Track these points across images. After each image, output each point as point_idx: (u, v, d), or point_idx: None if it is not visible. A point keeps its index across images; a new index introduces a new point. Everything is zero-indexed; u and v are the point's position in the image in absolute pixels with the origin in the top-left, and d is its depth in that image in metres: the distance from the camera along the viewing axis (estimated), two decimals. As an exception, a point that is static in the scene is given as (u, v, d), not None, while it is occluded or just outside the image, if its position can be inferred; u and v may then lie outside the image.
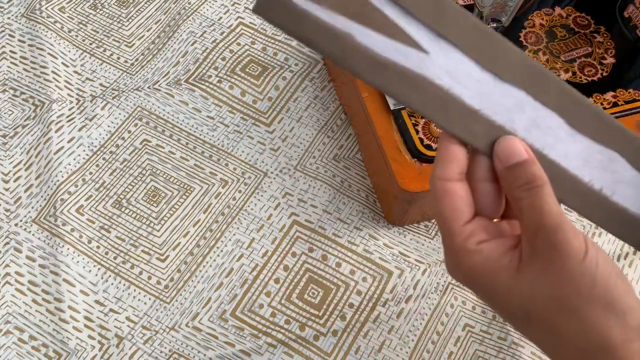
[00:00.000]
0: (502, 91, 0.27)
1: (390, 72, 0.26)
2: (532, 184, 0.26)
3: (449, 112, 0.27)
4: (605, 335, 0.25)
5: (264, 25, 0.65)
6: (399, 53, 0.25)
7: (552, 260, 0.26)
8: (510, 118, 0.27)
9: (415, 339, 0.51)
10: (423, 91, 0.26)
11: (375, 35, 0.25)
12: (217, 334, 0.50)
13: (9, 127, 0.58)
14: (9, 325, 0.50)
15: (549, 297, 0.26)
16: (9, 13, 0.65)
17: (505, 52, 0.27)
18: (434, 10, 0.25)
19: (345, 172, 0.58)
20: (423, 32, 0.26)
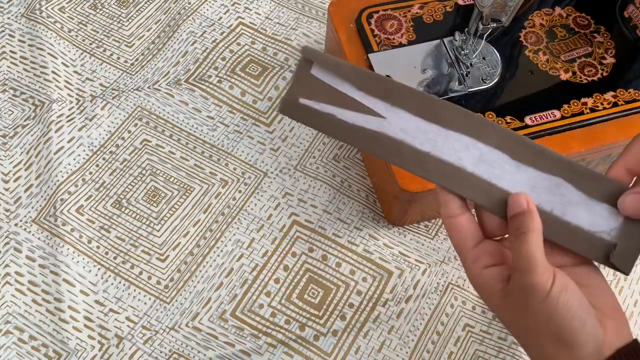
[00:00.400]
0: (446, 137, 0.35)
1: (361, 134, 0.36)
2: (518, 231, 0.32)
3: (404, 156, 0.35)
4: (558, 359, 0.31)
5: (264, 25, 0.65)
6: (365, 121, 0.36)
7: (521, 298, 0.31)
8: (458, 157, 0.35)
9: (415, 339, 0.51)
10: (384, 144, 0.35)
11: (348, 112, 0.36)
12: (217, 334, 0.50)
13: (9, 127, 0.58)
14: (9, 325, 0.50)
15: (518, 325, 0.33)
16: (9, 13, 0.65)
17: (445, 109, 0.35)
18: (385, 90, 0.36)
19: (345, 172, 0.58)
20: (380, 105, 0.36)
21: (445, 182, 0.35)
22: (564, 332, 0.31)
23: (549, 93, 0.52)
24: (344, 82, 0.36)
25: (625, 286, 0.54)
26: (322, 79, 0.36)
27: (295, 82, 0.36)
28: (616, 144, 0.51)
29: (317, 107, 0.36)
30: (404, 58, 0.53)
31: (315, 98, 0.36)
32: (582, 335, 0.31)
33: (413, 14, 0.55)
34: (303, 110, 0.36)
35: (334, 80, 0.36)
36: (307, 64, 0.36)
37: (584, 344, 0.31)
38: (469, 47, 0.51)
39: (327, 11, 0.56)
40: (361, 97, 0.36)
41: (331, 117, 0.36)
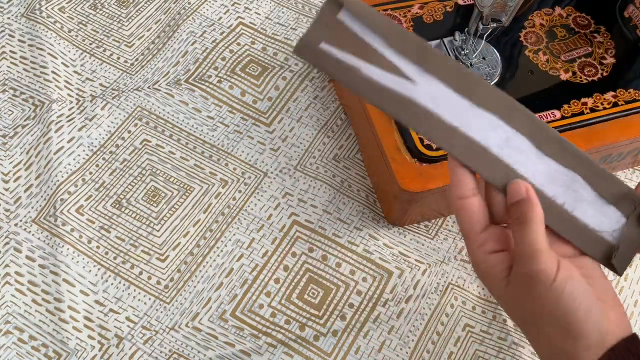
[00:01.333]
0: (476, 114, 0.34)
1: (386, 95, 0.34)
2: (520, 219, 0.32)
3: (430, 126, 0.34)
4: (563, 349, 0.32)
5: (264, 25, 0.65)
6: (393, 82, 0.34)
7: (526, 283, 0.31)
8: (484, 136, 0.34)
9: (415, 339, 0.51)
10: (411, 110, 0.34)
11: (375, 69, 0.33)
12: (217, 334, 0.50)
13: (9, 127, 0.58)
14: (8, 325, 0.50)
15: (523, 312, 0.33)
16: (9, 13, 0.65)
17: (479, 85, 0.34)
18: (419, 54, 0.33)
19: (345, 172, 0.58)
20: (411, 68, 0.34)
21: (467, 159, 0.34)
22: (569, 321, 0.31)
23: (549, 93, 0.52)
24: (375, 35, 0.33)
25: (626, 286, 0.54)
26: (350, 27, 0.33)
27: (317, 23, 0.33)
28: (616, 144, 0.51)
29: (339, 56, 0.33)
30: (404, 58, 0.53)
31: (339, 46, 0.33)
32: (588, 324, 0.31)
33: (413, 14, 0.55)
34: (322, 56, 0.33)
35: (364, 30, 0.33)
36: (333, 6, 0.33)
37: (589, 333, 0.31)
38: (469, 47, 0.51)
39: (327, 11, 0.56)
40: (392, 55, 0.33)
41: (355, 70, 0.33)
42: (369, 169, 0.57)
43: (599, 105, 0.51)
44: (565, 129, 0.50)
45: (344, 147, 0.59)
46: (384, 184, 0.54)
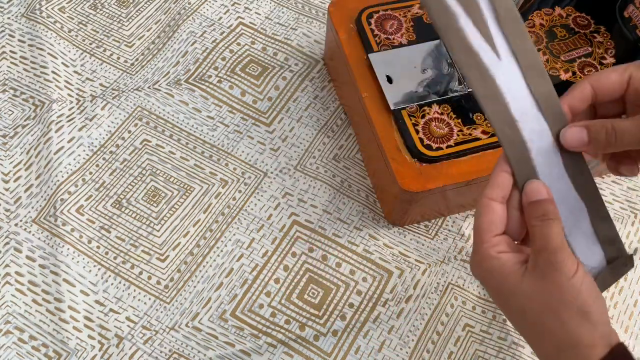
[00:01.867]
0: (536, 118, 0.34)
1: (472, 57, 0.34)
2: (545, 217, 0.33)
3: (496, 107, 0.34)
4: (578, 336, 0.33)
5: (264, 25, 0.65)
6: (481, 48, 0.34)
7: (548, 273, 0.33)
8: (531, 138, 0.35)
9: (415, 339, 0.51)
10: (487, 84, 0.34)
11: (471, 27, 0.33)
12: (217, 334, 0.50)
13: (9, 127, 0.58)
14: (9, 325, 0.50)
15: (541, 300, 0.33)
16: (9, 13, 0.65)
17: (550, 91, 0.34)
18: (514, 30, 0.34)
19: (345, 172, 0.58)
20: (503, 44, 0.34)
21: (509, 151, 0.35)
22: (589, 309, 0.32)
23: (549, 93, 0.52)
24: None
25: (625, 286, 0.54)
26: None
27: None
28: (616, 144, 0.51)
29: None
30: (404, 58, 0.53)
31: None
32: (604, 315, 0.33)
33: (413, 14, 0.55)
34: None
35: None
36: None
37: (604, 322, 0.33)
38: (469, 47, 0.51)
39: (327, 11, 0.56)
40: (492, 21, 0.34)
41: (452, 17, 0.33)
42: (369, 169, 0.57)
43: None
44: (565, 129, 0.50)
45: (344, 147, 0.59)
46: (384, 184, 0.54)
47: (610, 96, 0.35)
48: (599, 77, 0.35)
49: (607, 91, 0.35)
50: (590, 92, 0.35)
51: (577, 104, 0.35)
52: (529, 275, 0.34)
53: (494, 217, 0.35)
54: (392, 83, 0.51)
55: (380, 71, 0.52)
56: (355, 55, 0.53)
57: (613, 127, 0.33)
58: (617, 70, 0.34)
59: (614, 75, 0.34)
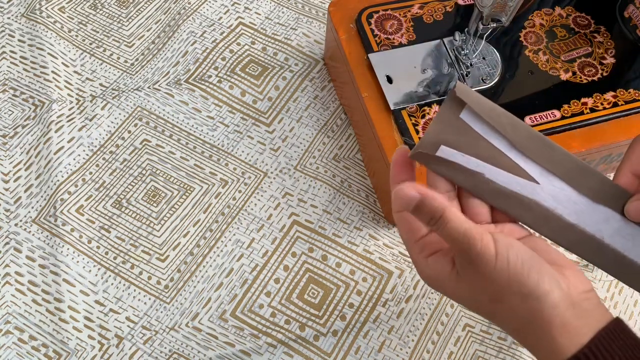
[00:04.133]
0: (593, 209, 0.34)
1: (511, 198, 0.33)
2: (435, 217, 0.31)
3: (551, 225, 0.34)
4: (529, 314, 0.31)
5: (264, 25, 0.65)
6: (518, 185, 0.33)
7: (474, 270, 0.32)
8: (598, 228, 0.34)
9: (415, 339, 0.51)
10: (534, 211, 0.34)
11: (500, 172, 0.33)
12: (217, 334, 0.50)
13: (9, 127, 0.58)
14: (9, 325, 0.50)
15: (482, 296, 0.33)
16: (9, 13, 0.65)
17: (598, 180, 0.34)
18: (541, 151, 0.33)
19: (345, 172, 0.58)
20: (535, 169, 0.33)
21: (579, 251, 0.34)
22: (526, 286, 0.31)
23: (549, 93, 0.52)
24: (498, 135, 0.32)
25: (626, 286, 0.54)
26: (473, 127, 0.32)
27: (438, 124, 0.32)
28: (616, 143, 0.51)
29: (461, 161, 0.33)
30: (404, 58, 0.53)
31: (461, 148, 0.32)
32: (544, 283, 0.31)
33: (413, 14, 0.55)
34: (442, 161, 0.32)
35: (487, 131, 0.32)
36: (456, 105, 0.32)
37: (549, 290, 0.31)
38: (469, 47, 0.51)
39: (327, 11, 0.56)
40: (517, 157, 0.33)
41: (478, 175, 0.33)
42: (369, 169, 0.57)
43: (599, 105, 0.51)
44: (565, 129, 0.50)
45: (344, 147, 0.59)
46: (384, 184, 0.54)
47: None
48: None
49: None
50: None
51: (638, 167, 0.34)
52: (461, 277, 0.33)
53: (409, 226, 0.34)
54: (392, 83, 0.51)
55: (380, 71, 0.52)
56: (355, 55, 0.53)
57: None
58: None
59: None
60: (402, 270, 0.54)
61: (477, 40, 0.50)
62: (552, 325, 0.31)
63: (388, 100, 0.50)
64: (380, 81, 0.51)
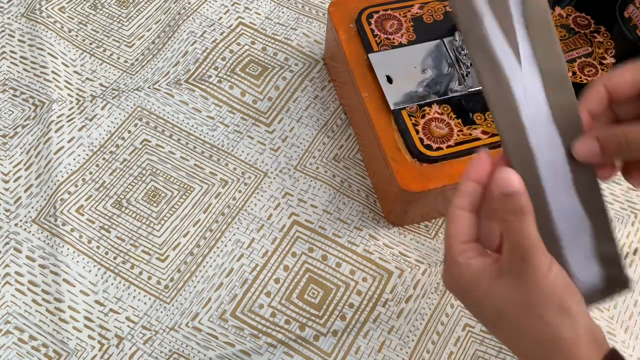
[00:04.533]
0: (549, 129, 0.33)
1: (490, 59, 0.32)
2: (519, 212, 0.32)
3: (505, 112, 0.33)
4: (558, 331, 0.32)
5: (264, 25, 0.65)
6: (503, 52, 0.32)
7: (524, 272, 0.32)
8: (539, 147, 0.33)
9: (415, 339, 0.51)
10: (500, 88, 0.33)
11: (496, 29, 0.32)
12: (217, 334, 0.50)
13: (9, 127, 0.58)
14: (9, 325, 0.50)
15: (519, 300, 0.33)
16: (9, 13, 0.65)
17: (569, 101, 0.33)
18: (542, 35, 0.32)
19: (345, 172, 0.58)
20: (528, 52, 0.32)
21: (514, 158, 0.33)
22: (567, 303, 0.32)
23: (549, 93, 0.52)
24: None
25: (625, 286, 0.54)
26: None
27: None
28: (616, 144, 0.51)
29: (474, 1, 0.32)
30: (404, 58, 0.53)
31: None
32: (584, 309, 0.33)
33: (413, 14, 0.55)
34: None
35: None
36: None
37: (585, 315, 0.33)
38: (469, 47, 0.51)
39: (327, 11, 0.56)
40: (520, 24, 0.32)
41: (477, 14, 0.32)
42: (369, 169, 0.58)
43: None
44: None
45: (344, 147, 0.59)
46: (384, 184, 0.54)
47: (625, 96, 0.34)
48: (612, 77, 0.33)
49: (622, 91, 0.33)
50: (605, 93, 0.34)
51: (594, 107, 0.34)
52: (504, 276, 0.33)
53: (461, 225, 0.35)
54: (392, 83, 0.51)
55: (380, 71, 0.52)
56: (355, 55, 0.53)
57: (624, 134, 0.32)
58: (631, 70, 0.33)
59: (627, 74, 0.33)
60: (402, 270, 0.54)
61: (477, 40, 0.50)
62: (574, 346, 0.32)
63: (388, 100, 0.50)
64: (380, 81, 0.51)
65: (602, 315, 0.53)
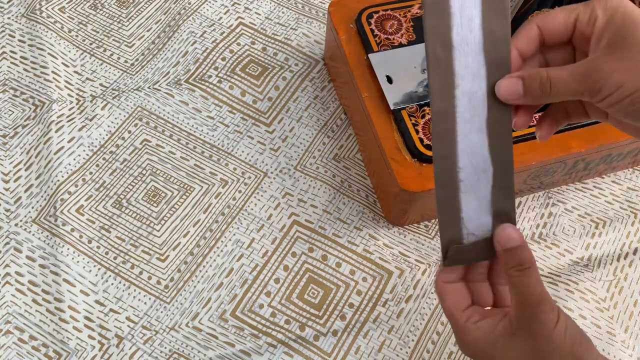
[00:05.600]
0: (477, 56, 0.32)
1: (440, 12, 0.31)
2: (523, 266, 0.32)
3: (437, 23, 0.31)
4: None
5: (264, 25, 0.65)
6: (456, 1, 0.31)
7: (534, 328, 0.32)
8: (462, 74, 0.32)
9: (415, 339, 0.51)
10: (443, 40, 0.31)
11: None
12: (217, 334, 0.50)
13: (9, 127, 0.58)
14: (9, 325, 0.50)
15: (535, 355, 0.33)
16: (9, 13, 0.65)
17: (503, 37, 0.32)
18: None
19: (345, 172, 0.58)
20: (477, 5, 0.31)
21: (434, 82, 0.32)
22: (578, 351, 0.32)
23: (549, 93, 0.52)
24: None
25: (625, 286, 0.54)
26: None
27: None
28: (616, 143, 0.51)
29: None
30: (404, 58, 0.53)
31: None
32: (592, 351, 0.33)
33: (413, 14, 0.55)
34: None
35: None
36: None
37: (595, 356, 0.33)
38: (469, 47, 0.51)
39: (327, 11, 0.56)
40: None
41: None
42: (368, 169, 0.58)
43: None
44: (565, 129, 0.50)
45: (344, 147, 0.59)
46: (384, 184, 0.54)
47: (557, 38, 0.33)
48: (546, 17, 0.32)
49: (554, 33, 0.32)
50: (537, 33, 0.32)
51: (525, 46, 0.33)
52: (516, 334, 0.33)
53: (456, 297, 0.36)
54: (392, 83, 0.51)
55: (380, 71, 0.52)
56: (355, 55, 0.53)
57: (548, 76, 0.31)
58: (564, 11, 0.32)
59: (560, 15, 0.32)
60: (402, 270, 0.54)
61: (477, 40, 0.50)
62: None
63: (388, 100, 0.50)
64: (380, 81, 0.51)
65: (602, 315, 0.53)
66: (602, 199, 0.58)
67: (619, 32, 0.30)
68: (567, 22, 0.32)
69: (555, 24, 0.32)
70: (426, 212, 0.54)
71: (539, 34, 0.32)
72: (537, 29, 0.32)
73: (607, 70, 0.29)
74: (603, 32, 0.30)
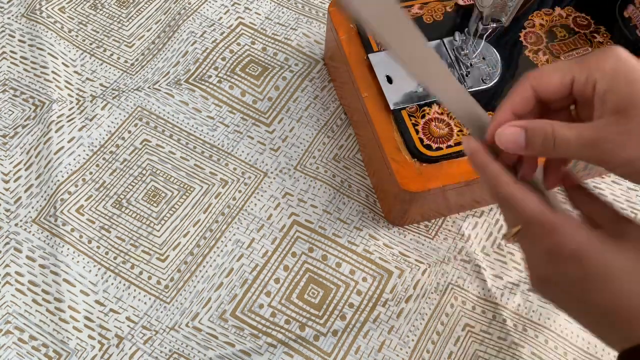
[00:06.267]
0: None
1: None
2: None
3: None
4: None
5: (264, 25, 0.65)
6: None
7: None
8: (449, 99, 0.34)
9: (415, 339, 0.51)
10: None
11: None
12: (217, 334, 0.50)
13: (9, 127, 0.58)
14: (9, 325, 0.50)
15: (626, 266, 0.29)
16: (9, 13, 0.65)
17: None
18: None
19: (345, 172, 0.58)
20: None
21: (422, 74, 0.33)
22: None
23: (549, 93, 0.52)
24: None
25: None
26: None
27: None
28: (616, 144, 0.51)
29: None
30: (404, 58, 0.53)
31: None
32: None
33: (413, 14, 0.55)
34: None
35: None
36: None
37: None
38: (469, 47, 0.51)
39: (327, 11, 0.56)
40: None
41: None
42: (369, 169, 0.58)
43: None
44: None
45: (344, 147, 0.59)
46: (384, 184, 0.54)
47: (553, 97, 0.31)
48: (541, 79, 0.31)
49: (550, 94, 0.31)
50: (532, 94, 0.31)
51: (520, 108, 0.32)
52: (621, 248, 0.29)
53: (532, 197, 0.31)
54: (392, 83, 0.51)
55: (380, 71, 0.52)
56: (355, 55, 0.53)
57: (553, 132, 0.30)
58: (558, 72, 0.31)
59: (555, 77, 0.31)
60: (402, 270, 0.54)
61: (477, 41, 0.50)
62: None
63: (388, 100, 0.50)
64: (380, 81, 0.51)
65: (602, 315, 0.53)
66: (602, 199, 0.58)
67: (626, 98, 0.29)
68: (563, 83, 0.31)
69: (551, 86, 0.31)
70: (426, 212, 0.54)
71: (534, 94, 0.32)
72: (532, 90, 0.31)
73: (617, 143, 0.28)
74: (605, 95, 0.29)
